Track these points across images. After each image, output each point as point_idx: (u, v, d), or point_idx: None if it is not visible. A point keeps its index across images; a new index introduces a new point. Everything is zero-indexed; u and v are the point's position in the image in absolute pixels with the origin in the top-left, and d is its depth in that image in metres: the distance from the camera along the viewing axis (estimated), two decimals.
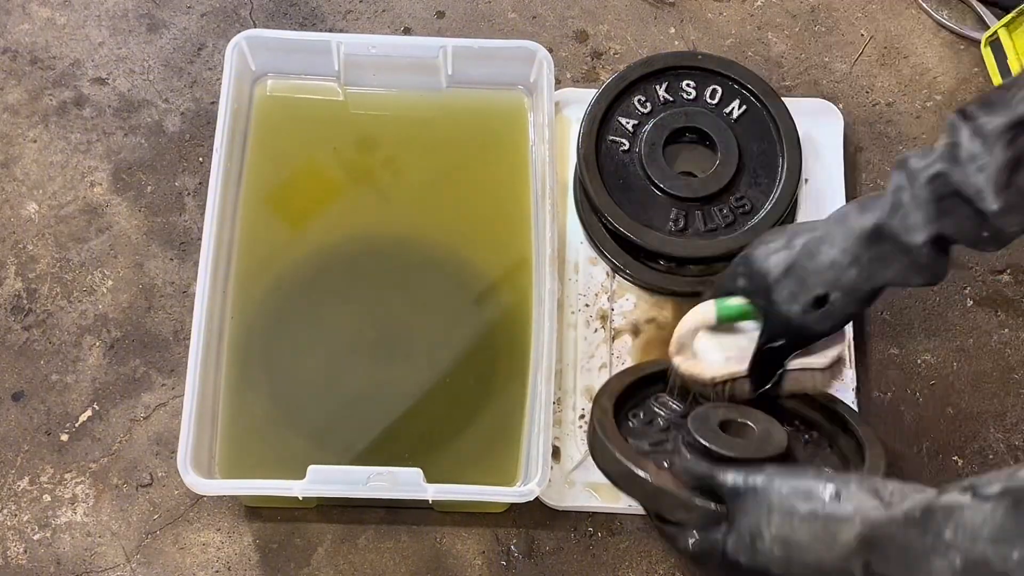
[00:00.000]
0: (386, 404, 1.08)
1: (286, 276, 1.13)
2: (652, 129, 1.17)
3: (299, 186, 1.17)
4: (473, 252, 1.14)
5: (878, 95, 1.27)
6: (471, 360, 1.10)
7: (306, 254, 1.14)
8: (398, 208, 1.16)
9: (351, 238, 1.15)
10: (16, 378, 1.12)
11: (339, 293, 1.13)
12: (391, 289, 1.12)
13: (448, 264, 1.14)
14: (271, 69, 1.19)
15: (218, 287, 1.07)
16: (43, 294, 1.16)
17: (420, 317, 1.11)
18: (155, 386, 1.12)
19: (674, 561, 1.07)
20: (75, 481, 1.09)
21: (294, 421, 1.08)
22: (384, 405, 1.08)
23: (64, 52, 1.26)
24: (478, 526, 1.08)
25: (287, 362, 1.10)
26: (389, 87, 1.20)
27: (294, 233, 1.15)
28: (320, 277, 1.13)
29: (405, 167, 1.18)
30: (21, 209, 1.19)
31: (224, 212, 1.09)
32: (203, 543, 1.07)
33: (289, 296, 1.12)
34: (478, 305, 1.12)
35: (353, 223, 1.16)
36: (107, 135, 1.23)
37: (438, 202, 1.17)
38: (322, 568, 1.06)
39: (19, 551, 1.06)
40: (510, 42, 1.21)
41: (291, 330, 1.11)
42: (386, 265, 1.14)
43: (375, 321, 1.11)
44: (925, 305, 1.18)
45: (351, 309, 1.12)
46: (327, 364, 1.10)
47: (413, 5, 1.30)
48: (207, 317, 1.03)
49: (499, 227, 1.16)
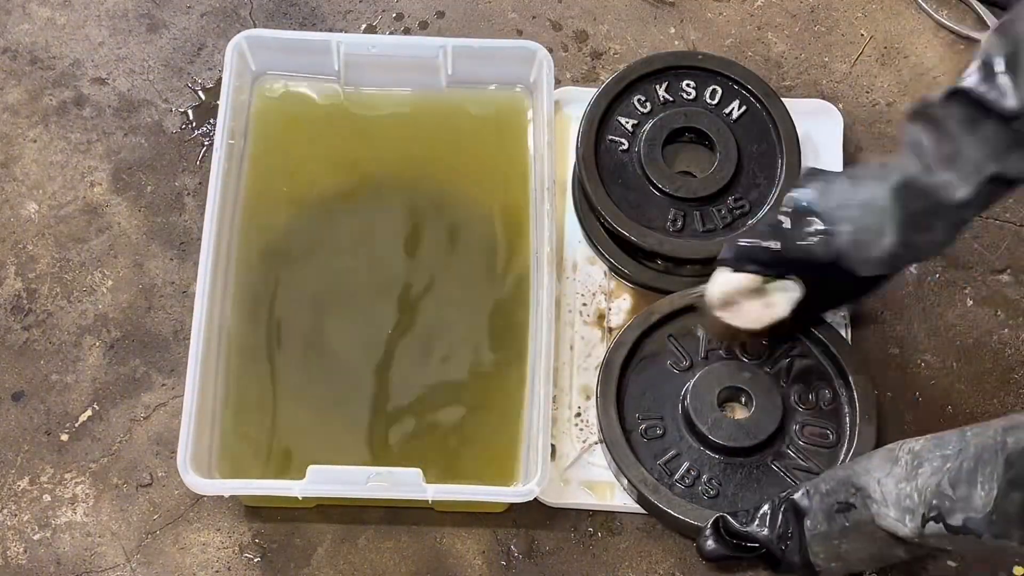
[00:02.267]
0: (386, 405, 1.08)
1: (286, 276, 1.13)
2: (651, 129, 1.17)
3: (299, 186, 1.17)
4: (472, 251, 1.14)
5: (878, 95, 1.27)
6: (470, 360, 1.10)
7: (306, 254, 1.14)
8: (398, 208, 1.16)
9: (351, 239, 1.15)
10: (16, 378, 1.12)
11: (338, 295, 1.13)
12: (390, 290, 1.12)
13: (448, 263, 1.14)
14: (271, 69, 1.19)
15: (218, 287, 1.07)
16: (43, 294, 1.16)
17: (419, 318, 1.11)
18: (155, 386, 1.12)
19: (674, 561, 1.07)
20: (75, 481, 1.09)
21: (294, 421, 1.08)
22: (384, 406, 1.08)
23: (64, 52, 1.26)
24: (478, 526, 1.08)
25: (287, 362, 1.10)
26: (389, 87, 1.20)
27: (294, 232, 1.15)
28: (320, 277, 1.13)
29: (405, 167, 1.18)
30: (21, 209, 1.19)
31: (224, 212, 1.09)
32: (203, 543, 1.07)
33: (289, 296, 1.12)
34: (476, 304, 1.12)
35: (353, 224, 1.16)
36: (107, 135, 1.23)
37: (438, 202, 1.17)
38: (322, 568, 1.06)
39: (19, 551, 1.06)
40: (510, 42, 1.21)
41: (291, 331, 1.11)
42: (386, 264, 1.14)
43: (374, 323, 1.11)
44: (925, 305, 1.18)
45: (350, 311, 1.12)
46: (327, 365, 1.10)
47: (413, 5, 1.30)
48: (207, 317, 1.03)
49: (498, 225, 1.16)
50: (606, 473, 1.08)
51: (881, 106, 1.26)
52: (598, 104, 1.17)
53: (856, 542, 0.94)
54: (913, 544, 0.88)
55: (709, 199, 1.15)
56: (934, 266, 1.19)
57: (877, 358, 1.15)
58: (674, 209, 1.15)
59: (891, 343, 1.16)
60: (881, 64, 1.28)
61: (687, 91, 1.19)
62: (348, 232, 1.15)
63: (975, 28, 1.29)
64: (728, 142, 1.16)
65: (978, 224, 1.21)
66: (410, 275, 1.09)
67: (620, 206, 1.14)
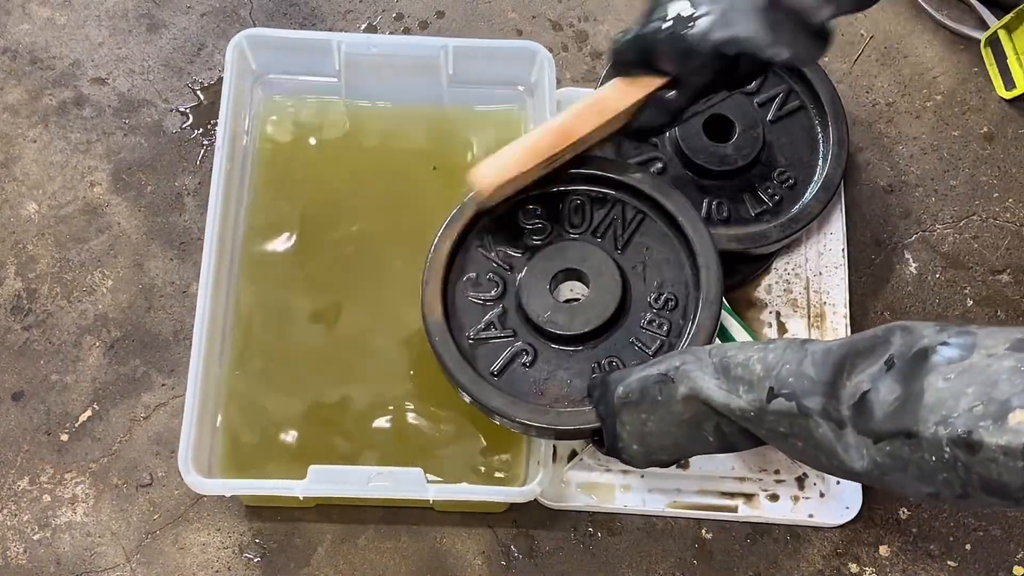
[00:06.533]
0: (387, 404, 1.08)
1: (287, 275, 1.13)
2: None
3: (300, 185, 1.17)
4: None
5: (878, 95, 1.27)
6: None
7: (307, 252, 1.14)
8: (398, 208, 1.16)
9: (352, 237, 1.15)
10: (16, 378, 1.12)
11: (340, 292, 1.13)
12: (392, 287, 1.12)
13: None
14: (272, 68, 1.19)
15: (219, 286, 1.07)
16: (43, 294, 1.16)
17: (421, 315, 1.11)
18: (155, 386, 1.12)
19: (674, 561, 1.07)
20: (75, 481, 1.09)
21: (294, 420, 1.08)
22: (385, 405, 1.08)
23: (64, 52, 1.26)
24: (478, 526, 1.08)
25: (288, 361, 1.10)
26: (389, 86, 1.19)
27: (295, 233, 1.15)
28: (321, 276, 1.13)
29: (405, 167, 1.18)
30: (21, 209, 1.19)
31: (225, 212, 1.09)
32: (203, 543, 1.07)
33: (290, 295, 1.12)
34: None
35: (353, 223, 1.16)
36: (107, 135, 1.23)
37: (438, 202, 1.16)
38: (322, 568, 1.06)
39: (19, 551, 1.06)
40: (510, 42, 1.21)
41: (292, 329, 1.11)
42: (388, 263, 1.14)
43: (376, 320, 1.11)
44: (925, 305, 1.18)
45: (352, 308, 1.12)
46: (328, 363, 1.10)
47: (413, 5, 1.30)
48: (208, 316, 1.03)
49: None
50: (607, 475, 1.08)
51: (881, 106, 1.26)
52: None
53: (662, 423, 0.88)
54: (730, 423, 0.85)
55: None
56: (934, 266, 1.20)
57: None
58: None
59: None
60: (881, 64, 1.28)
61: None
62: (349, 231, 1.15)
63: (975, 28, 1.29)
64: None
65: (978, 224, 1.21)
66: (411, 274, 1.08)
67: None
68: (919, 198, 1.23)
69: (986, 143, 1.25)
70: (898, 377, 0.72)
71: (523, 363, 0.98)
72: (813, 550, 1.09)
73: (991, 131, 1.26)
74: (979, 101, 1.27)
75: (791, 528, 1.09)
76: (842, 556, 1.09)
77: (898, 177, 1.23)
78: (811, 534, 1.09)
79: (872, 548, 1.09)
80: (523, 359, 0.99)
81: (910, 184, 1.23)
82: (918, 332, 0.73)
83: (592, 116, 0.97)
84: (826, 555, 1.09)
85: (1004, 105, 1.27)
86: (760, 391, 0.81)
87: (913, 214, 1.22)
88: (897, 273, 1.19)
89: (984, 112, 1.27)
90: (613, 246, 1.02)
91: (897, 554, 1.09)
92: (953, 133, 1.26)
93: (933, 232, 1.21)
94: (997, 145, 1.25)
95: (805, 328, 1.14)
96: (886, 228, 1.21)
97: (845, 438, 0.75)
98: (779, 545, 1.09)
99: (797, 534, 1.09)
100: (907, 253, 1.20)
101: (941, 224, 1.22)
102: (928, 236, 1.21)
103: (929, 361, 0.71)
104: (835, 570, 1.08)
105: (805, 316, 1.15)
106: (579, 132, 0.97)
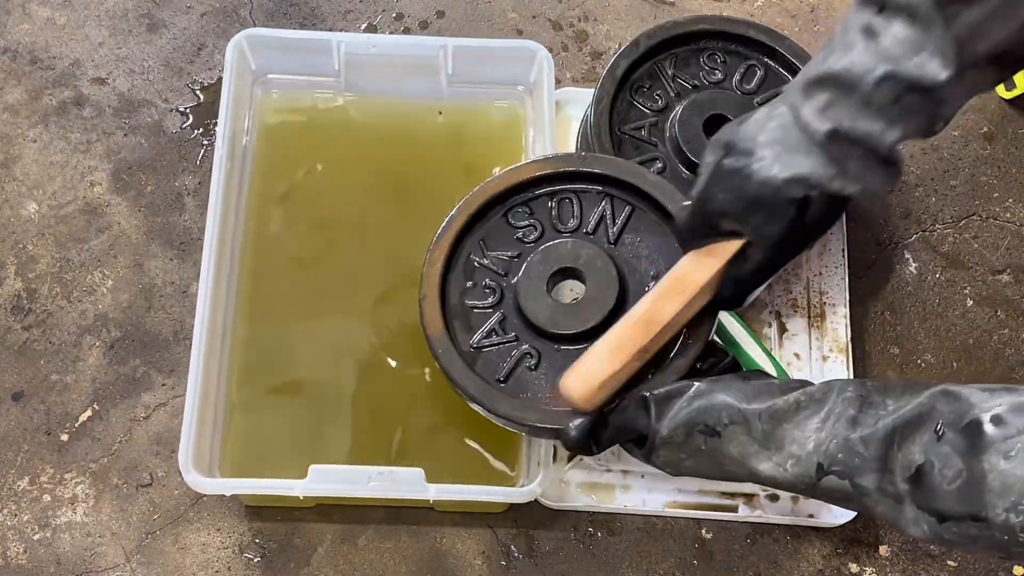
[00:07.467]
0: (387, 404, 1.08)
1: (287, 275, 1.13)
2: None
3: (300, 185, 1.17)
4: None
5: None
6: None
7: (307, 252, 1.14)
8: (398, 207, 1.16)
9: (352, 237, 1.15)
10: (16, 378, 1.12)
11: (340, 292, 1.13)
12: (392, 287, 1.12)
13: None
14: (272, 68, 1.19)
15: (219, 286, 1.07)
16: (43, 294, 1.15)
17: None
18: (155, 386, 1.12)
19: (674, 561, 1.07)
20: (75, 481, 1.09)
21: (295, 420, 1.08)
22: (385, 405, 1.08)
23: (64, 52, 1.26)
24: (478, 526, 1.08)
25: (288, 361, 1.10)
26: (389, 86, 1.19)
27: (295, 232, 1.15)
28: (321, 275, 1.13)
29: (405, 167, 1.18)
30: (21, 209, 1.19)
31: (226, 211, 1.09)
32: (203, 543, 1.07)
33: (290, 295, 1.12)
34: None
35: (354, 222, 1.16)
36: (107, 135, 1.23)
37: (438, 202, 1.16)
38: (322, 568, 1.06)
39: (19, 551, 1.06)
40: (510, 42, 1.21)
41: (292, 329, 1.11)
42: (387, 263, 1.14)
43: (376, 319, 1.11)
44: (925, 305, 1.18)
45: (353, 308, 1.12)
46: (328, 363, 1.10)
47: (413, 5, 1.30)
48: (208, 316, 1.03)
49: None
50: (607, 475, 1.08)
51: None
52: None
53: (703, 465, 0.88)
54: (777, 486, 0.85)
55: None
56: (934, 266, 1.20)
57: (877, 358, 1.15)
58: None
59: (891, 343, 1.16)
60: None
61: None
62: (349, 231, 1.15)
63: None
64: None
65: (978, 224, 1.21)
66: (412, 274, 1.08)
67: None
68: (919, 198, 1.23)
69: (986, 143, 1.25)
70: (953, 451, 0.71)
71: (528, 366, 0.98)
72: (813, 550, 1.09)
73: (991, 131, 1.26)
74: (979, 101, 1.27)
75: (791, 528, 1.09)
76: (842, 556, 1.09)
77: None
78: (811, 534, 1.09)
79: (872, 548, 1.09)
80: (528, 363, 0.98)
81: (910, 184, 1.23)
82: (965, 399, 0.72)
83: (674, 298, 0.91)
84: (826, 555, 1.09)
85: (1004, 105, 1.27)
86: (808, 466, 0.80)
87: (913, 214, 1.22)
88: (897, 273, 1.19)
89: (984, 112, 1.26)
90: (606, 240, 1.02)
91: (897, 554, 1.09)
92: (953, 133, 1.26)
93: (933, 232, 1.21)
94: (997, 145, 1.25)
95: (805, 328, 1.14)
96: (886, 228, 1.21)
97: (904, 512, 0.75)
98: (779, 545, 1.09)
99: (797, 534, 1.09)
100: (907, 253, 1.20)
101: (941, 224, 1.22)
102: (928, 236, 1.21)
103: (985, 437, 0.69)
104: (835, 570, 1.08)
105: (805, 316, 1.15)
106: (664, 319, 0.90)
